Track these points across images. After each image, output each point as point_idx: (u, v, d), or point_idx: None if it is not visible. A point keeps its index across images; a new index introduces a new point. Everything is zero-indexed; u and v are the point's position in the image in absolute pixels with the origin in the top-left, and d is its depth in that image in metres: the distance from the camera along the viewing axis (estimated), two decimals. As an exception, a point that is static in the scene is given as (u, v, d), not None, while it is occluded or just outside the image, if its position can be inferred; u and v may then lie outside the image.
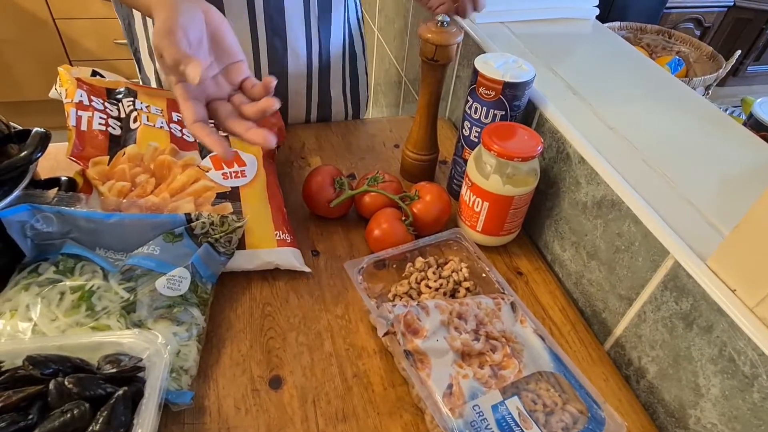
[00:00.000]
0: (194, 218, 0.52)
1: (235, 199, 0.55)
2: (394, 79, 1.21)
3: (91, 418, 0.35)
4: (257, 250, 0.55)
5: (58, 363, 0.38)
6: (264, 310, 0.54)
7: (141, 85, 0.64)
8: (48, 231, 0.48)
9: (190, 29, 0.42)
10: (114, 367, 0.38)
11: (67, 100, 0.55)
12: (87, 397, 0.36)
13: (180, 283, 0.48)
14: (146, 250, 0.49)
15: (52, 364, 0.38)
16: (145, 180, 0.53)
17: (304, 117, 0.83)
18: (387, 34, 1.22)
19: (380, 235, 0.59)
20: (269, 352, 0.50)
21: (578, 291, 0.59)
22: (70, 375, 0.37)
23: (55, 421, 0.34)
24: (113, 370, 0.38)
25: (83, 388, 0.36)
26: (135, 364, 0.38)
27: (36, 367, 0.37)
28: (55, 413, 0.35)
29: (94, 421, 0.35)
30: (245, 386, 0.47)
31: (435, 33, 0.59)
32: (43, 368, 0.37)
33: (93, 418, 0.35)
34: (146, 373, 0.39)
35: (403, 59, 1.12)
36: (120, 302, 0.46)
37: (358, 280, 0.52)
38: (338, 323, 0.54)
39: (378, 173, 0.64)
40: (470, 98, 0.61)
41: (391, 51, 1.21)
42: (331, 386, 0.48)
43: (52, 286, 0.46)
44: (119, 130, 0.57)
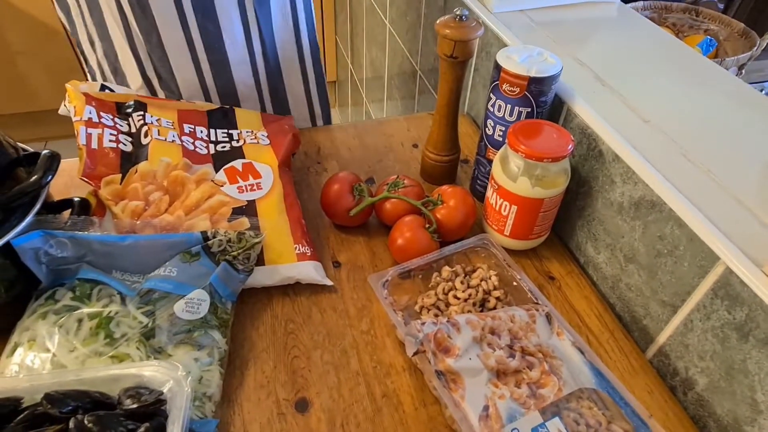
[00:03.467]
0: (211, 236, 0.50)
1: (252, 213, 0.54)
2: (408, 72, 1.17)
3: (112, 459, 0.33)
4: (277, 265, 0.53)
5: (77, 399, 0.37)
6: (287, 328, 0.52)
7: (149, 96, 0.62)
8: (63, 256, 0.47)
9: None
10: (134, 401, 0.36)
11: (76, 117, 0.54)
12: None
13: (199, 305, 0.46)
14: (163, 272, 0.48)
15: (71, 401, 0.36)
16: (158, 198, 0.51)
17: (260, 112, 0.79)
18: (399, 26, 1.19)
19: (403, 244, 0.56)
20: (294, 372, 0.48)
21: (615, 296, 0.55)
22: (90, 413, 0.35)
23: (76, 463, 0.33)
24: (134, 405, 0.36)
25: (104, 426, 0.35)
26: (157, 398, 0.37)
27: (54, 405, 0.35)
28: (76, 454, 0.34)
29: (117, 463, 0.33)
30: (271, 410, 0.46)
31: (453, 28, 0.55)
32: (62, 406, 0.36)
33: (115, 458, 0.34)
34: (168, 406, 0.37)
35: (417, 52, 1.09)
36: (139, 328, 0.45)
37: (384, 294, 0.50)
38: (364, 339, 0.52)
39: (398, 178, 0.61)
40: (493, 95, 0.58)
41: (404, 44, 1.17)
42: (359, 408, 0.46)
43: (69, 314, 0.45)
44: (130, 146, 0.55)
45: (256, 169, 0.57)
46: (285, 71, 0.78)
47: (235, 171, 0.56)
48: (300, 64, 0.79)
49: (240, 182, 0.55)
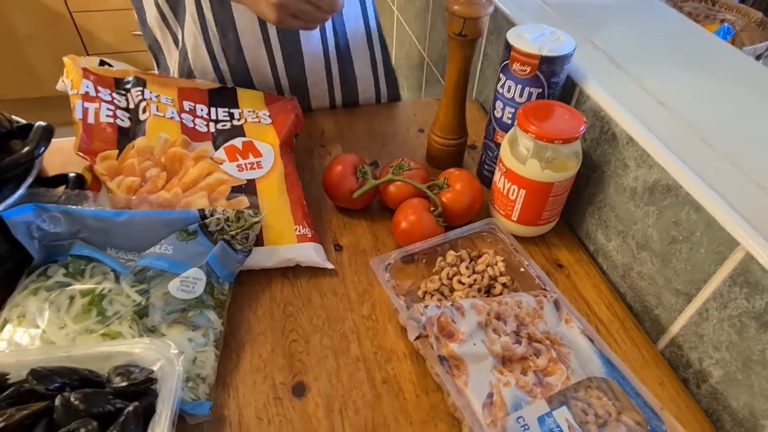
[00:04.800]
0: (208, 214, 0.48)
1: (252, 192, 0.52)
2: (416, 60, 1.15)
3: (97, 439, 0.32)
4: (276, 246, 0.51)
5: (64, 376, 0.35)
6: (285, 311, 0.51)
7: (150, 73, 0.60)
8: (56, 231, 0.46)
9: None
10: (124, 380, 0.35)
11: (72, 91, 0.52)
12: (95, 414, 0.33)
13: (194, 284, 0.45)
14: (158, 250, 0.46)
15: (58, 378, 0.35)
16: (155, 174, 0.50)
17: (328, 101, 0.78)
18: (407, 13, 1.17)
19: (407, 227, 0.54)
20: (292, 356, 0.47)
21: (626, 285, 0.53)
22: (77, 390, 0.34)
23: (60, 442, 0.32)
24: (123, 383, 0.35)
25: (91, 404, 0.33)
26: (147, 377, 0.35)
27: (41, 381, 0.34)
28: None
29: (103, 442, 0.32)
30: (267, 394, 0.44)
31: (463, 5, 0.53)
32: (48, 383, 0.34)
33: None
34: (159, 385, 0.36)
35: (425, 39, 1.07)
36: (132, 306, 0.43)
37: (386, 277, 0.48)
38: (365, 324, 0.50)
39: (403, 160, 0.59)
40: (503, 75, 0.55)
41: (412, 31, 1.15)
42: (358, 393, 0.44)
43: (61, 290, 0.44)
44: (128, 122, 0.54)
45: (256, 148, 0.55)
46: (355, 57, 0.77)
47: (235, 149, 0.54)
48: (369, 49, 0.78)
49: (240, 160, 0.53)
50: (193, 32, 0.65)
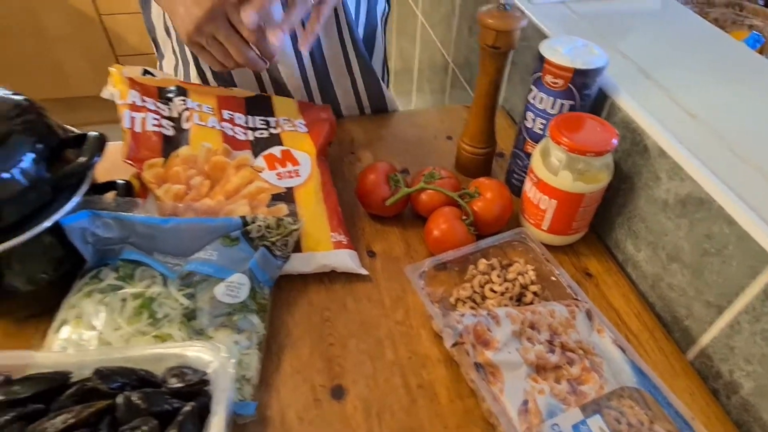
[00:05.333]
0: (250, 221, 0.50)
1: (290, 200, 0.54)
2: (440, 64, 1.16)
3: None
4: (313, 252, 0.53)
5: (124, 376, 0.37)
6: (322, 315, 0.52)
7: (190, 83, 0.63)
8: (108, 236, 0.48)
9: None
10: (179, 381, 0.37)
11: (120, 101, 0.55)
12: (155, 412, 0.35)
13: (239, 289, 0.47)
14: (204, 255, 0.48)
15: (119, 378, 0.37)
16: (199, 182, 0.52)
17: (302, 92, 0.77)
18: (431, 18, 1.18)
19: (440, 235, 0.56)
20: (330, 360, 0.49)
21: (655, 295, 0.54)
22: (138, 390, 0.36)
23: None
24: (179, 384, 0.37)
25: (151, 403, 0.35)
26: (201, 378, 0.37)
27: (104, 381, 0.36)
28: (124, 429, 0.34)
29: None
30: (307, 396, 0.46)
31: (496, 18, 0.55)
32: (110, 382, 0.36)
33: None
34: (212, 387, 0.37)
35: (449, 44, 1.08)
36: (180, 310, 0.46)
37: (420, 285, 0.49)
38: (399, 329, 0.51)
39: (434, 169, 0.61)
40: (534, 87, 0.57)
41: (436, 36, 1.16)
42: (395, 398, 0.46)
43: (113, 293, 0.46)
44: (172, 131, 0.56)
45: (294, 157, 0.57)
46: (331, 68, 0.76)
47: (274, 158, 0.56)
48: (344, 59, 0.76)
49: (279, 169, 0.55)
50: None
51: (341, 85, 0.78)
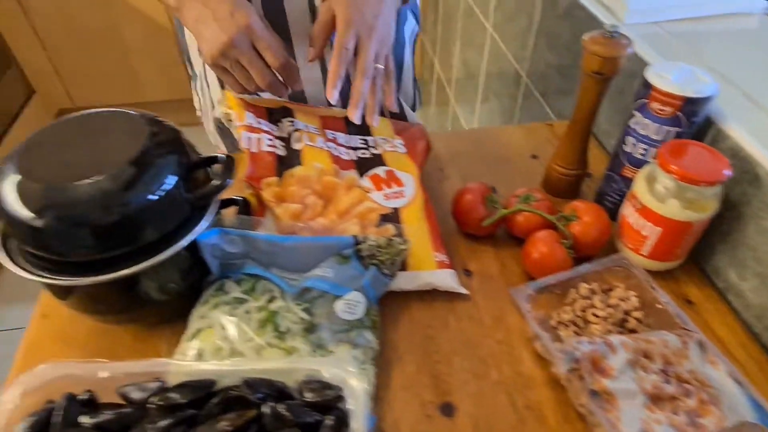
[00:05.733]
0: (361, 241, 0.53)
1: (396, 220, 0.56)
2: (511, 77, 1.16)
3: (304, 446, 0.37)
4: (418, 271, 0.55)
5: (266, 387, 0.40)
6: (425, 333, 0.54)
7: (294, 103, 0.66)
8: (232, 252, 0.51)
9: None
10: (317, 394, 0.40)
11: (238, 123, 0.58)
12: (299, 424, 0.38)
13: (356, 306, 0.49)
14: (320, 272, 0.51)
15: (262, 388, 0.40)
16: (313, 202, 0.55)
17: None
18: (504, 32, 1.18)
19: (539, 258, 0.57)
20: (436, 377, 0.51)
21: (762, 325, 0.53)
22: (282, 401, 0.39)
23: (275, 447, 0.36)
24: (317, 398, 0.39)
25: (296, 415, 0.38)
26: (338, 394, 0.40)
27: (251, 390, 0.39)
28: (271, 439, 0.37)
29: (310, 450, 0.36)
30: (417, 412, 0.48)
31: (603, 45, 0.55)
32: (256, 392, 0.39)
33: (306, 446, 0.37)
34: (345, 403, 0.40)
35: (524, 59, 1.08)
36: (300, 324, 0.48)
37: (527, 308, 0.51)
38: (501, 349, 0.53)
39: (529, 191, 0.62)
40: (638, 113, 0.57)
41: (508, 49, 1.16)
42: (503, 417, 0.48)
43: (239, 306, 0.49)
44: (283, 151, 0.59)
45: (397, 177, 0.59)
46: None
47: (379, 178, 0.58)
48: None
49: (385, 189, 0.57)
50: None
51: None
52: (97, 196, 0.45)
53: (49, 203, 0.44)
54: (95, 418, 0.39)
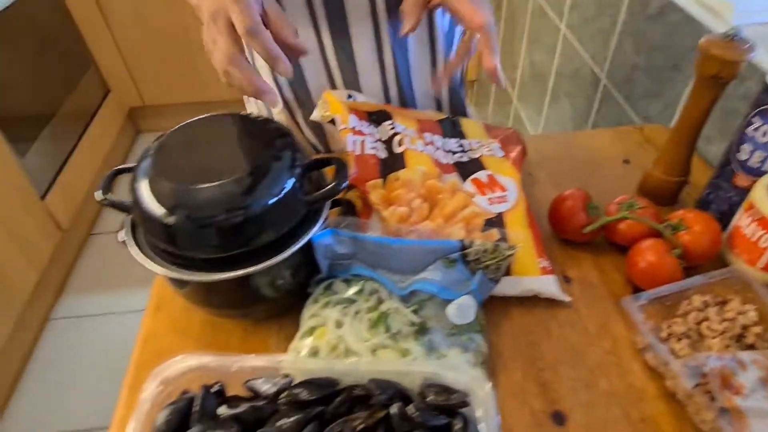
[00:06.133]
0: (468, 245, 0.53)
1: (501, 225, 0.56)
2: (588, 79, 1.14)
3: (435, 449, 0.37)
4: (522, 277, 0.54)
5: (390, 388, 0.41)
6: (528, 339, 0.54)
7: (391, 105, 0.66)
8: (341, 252, 0.52)
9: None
10: (443, 398, 0.40)
11: (342, 126, 0.59)
12: (426, 426, 0.38)
13: (468, 310, 0.49)
14: (428, 275, 0.51)
15: (388, 389, 0.41)
16: (419, 205, 0.55)
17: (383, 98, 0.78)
18: (580, 32, 1.16)
19: (646, 267, 0.55)
20: (544, 385, 0.50)
21: None
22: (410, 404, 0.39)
23: (407, 448, 0.37)
24: (443, 401, 0.40)
25: (424, 417, 0.38)
26: (463, 399, 0.40)
27: (379, 390, 0.40)
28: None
29: (442, 453, 0.37)
30: (528, 419, 0.48)
31: (723, 48, 0.53)
32: (383, 393, 0.40)
33: (437, 449, 0.37)
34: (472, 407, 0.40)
35: (604, 59, 1.05)
36: (410, 326, 0.49)
37: (641, 319, 0.49)
38: (609, 359, 0.52)
39: (633, 198, 0.60)
40: (759, 119, 0.54)
41: (585, 50, 1.14)
42: (618, 429, 0.47)
43: (349, 306, 0.50)
44: (385, 153, 0.60)
45: (499, 182, 0.59)
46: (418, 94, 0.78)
47: (481, 183, 0.58)
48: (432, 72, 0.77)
49: (489, 194, 0.57)
50: (265, 65, 0.72)
51: (421, 96, 0.78)
52: (222, 199, 0.47)
53: (179, 203, 0.47)
54: (232, 410, 0.40)
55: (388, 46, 0.69)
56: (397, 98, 0.75)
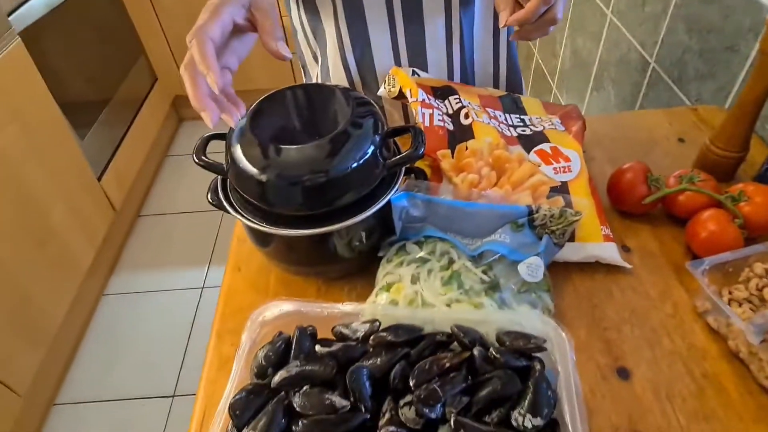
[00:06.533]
0: (535, 210, 0.55)
1: (565, 192, 0.58)
2: (635, 64, 1.14)
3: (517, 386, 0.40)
4: (585, 243, 0.57)
5: (470, 333, 0.44)
6: (591, 302, 0.56)
7: (454, 82, 0.70)
8: (414, 215, 0.56)
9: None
10: (522, 343, 0.43)
11: (412, 99, 0.63)
12: (508, 366, 0.41)
13: (537, 270, 0.52)
14: (498, 238, 0.54)
15: (470, 334, 0.44)
16: (488, 173, 0.58)
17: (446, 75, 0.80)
18: (628, 17, 1.16)
19: (708, 237, 0.57)
20: (608, 342, 0.53)
21: None
22: (493, 347, 0.42)
23: (491, 385, 0.40)
24: (523, 345, 0.43)
25: (506, 358, 0.42)
26: (540, 344, 0.43)
27: (464, 335, 0.43)
28: (484, 378, 0.41)
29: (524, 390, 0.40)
30: (594, 373, 0.50)
31: (790, 23, 0.54)
32: (467, 337, 0.43)
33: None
34: (551, 354, 0.43)
35: (654, 44, 1.06)
36: (481, 283, 0.52)
37: (705, 282, 0.51)
38: (671, 322, 0.54)
39: (693, 171, 0.62)
40: (825, 93, 0.55)
41: (633, 36, 1.14)
42: (681, 384, 0.49)
43: (422, 265, 0.54)
44: (452, 126, 0.63)
45: (563, 153, 0.61)
46: (478, 76, 0.81)
47: (546, 154, 0.61)
48: (494, 68, 0.81)
49: (554, 164, 0.60)
50: (335, 49, 0.76)
51: (482, 73, 0.81)
52: (309, 160, 0.50)
53: (271, 163, 0.51)
54: (326, 348, 0.44)
55: (458, 25, 0.72)
56: (459, 78, 0.78)
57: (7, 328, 1.21)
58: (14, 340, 1.22)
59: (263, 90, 0.60)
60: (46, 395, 1.39)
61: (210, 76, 0.45)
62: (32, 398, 1.30)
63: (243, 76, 2.15)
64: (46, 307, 1.36)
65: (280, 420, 0.40)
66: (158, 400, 1.42)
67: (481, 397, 0.40)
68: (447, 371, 0.41)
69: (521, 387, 0.40)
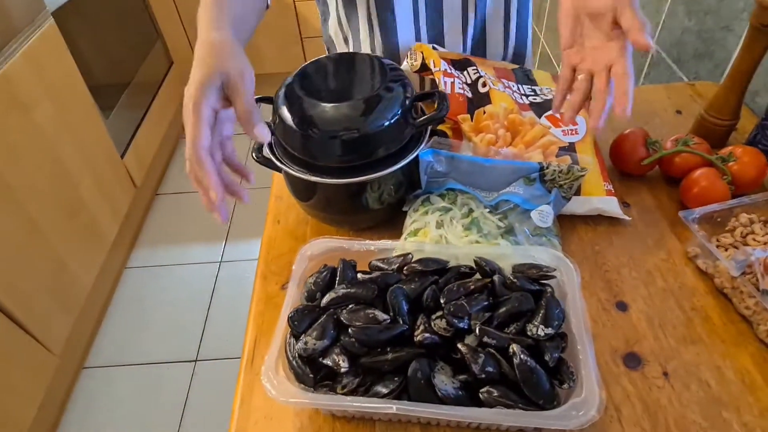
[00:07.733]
0: (545, 166, 0.62)
1: (572, 152, 0.65)
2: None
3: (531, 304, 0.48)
4: (590, 197, 0.64)
5: (491, 263, 0.51)
6: (593, 249, 0.63)
7: (471, 56, 0.76)
8: (438, 170, 0.63)
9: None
10: (535, 271, 0.50)
11: (435, 68, 0.69)
12: (524, 289, 0.49)
13: (548, 217, 0.59)
14: (513, 189, 0.61)
15: (490, 264, 0.51)
16: (503, 134, 0.65)
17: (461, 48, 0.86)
18: (632, 1, 1.22)
19: (699, 192, 0.64)
20: (608, 281, 0.60)
21: None
22: (512, 273, 0.50)
23: (509, 304, 0.47)
24: (536, 274, 0.50)
25: (521, 283, 0.49)
26: (551, 273, 0.50)
27: (484, 264, 0.50)
28: (504, 299, 0.48)
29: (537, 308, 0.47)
30: (596, 305, 0.58)
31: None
32: (486, 267, 0.51)
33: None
34: (559, 280, 0.50)
35: (656, 26, 1.12)
36: (498, 229, 0.59)
37: (695, 228, 0.58)
38: (664, 265, 0.61)
39: (687, 135, 0.68)
40: (806, 63, 0.62)
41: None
42: (672, 315, 0.56)
43: (445, 213, 0.61)
44: (471, 93, 0.70)
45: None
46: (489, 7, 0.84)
47: (555, 119, 0.68)
48: (504, 17, 0.84)
49: (562, 127, 0.67)
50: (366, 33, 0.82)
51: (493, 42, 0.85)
52: (347, 117, 0.57)
53: (314, 120, 0.58)
54: (367, 275, 0.51)
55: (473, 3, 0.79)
56: (471, 41, 0.85)
57: (46, 291, 1.28)
58: (51, 303, 1.30)
59: (274, 74, 0.67)
60: (77, 358, 1.47)
61: (212, 193, 0.46)
62: (65, 359, 1.38)
63: (254, 60, 2.22)
64: (78, 274, 1.43)
65: (331, 330, 0.47)
66: (182, 365, 1.50)
67: (501, 313, 0.47)
68: (472, 292, 0.49)
69: (535, 305, 0.48)
